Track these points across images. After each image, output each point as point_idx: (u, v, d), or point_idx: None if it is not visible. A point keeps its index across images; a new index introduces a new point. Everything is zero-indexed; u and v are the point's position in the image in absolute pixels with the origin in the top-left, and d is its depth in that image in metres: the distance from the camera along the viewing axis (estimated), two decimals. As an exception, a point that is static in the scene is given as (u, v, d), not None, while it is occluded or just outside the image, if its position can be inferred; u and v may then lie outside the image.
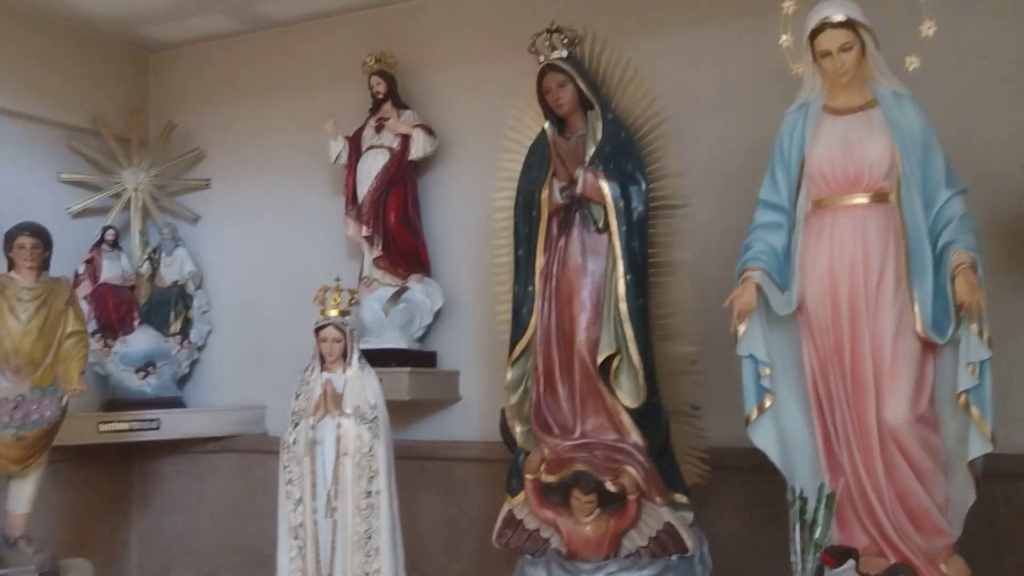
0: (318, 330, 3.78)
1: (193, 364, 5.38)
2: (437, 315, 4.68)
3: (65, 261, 4.62)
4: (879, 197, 3.00)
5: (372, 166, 4.60)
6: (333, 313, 3.79)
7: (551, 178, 3.57)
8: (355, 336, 3.84)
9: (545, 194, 3.57)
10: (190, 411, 5.13)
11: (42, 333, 3.55)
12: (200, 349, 5.39)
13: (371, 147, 4.64)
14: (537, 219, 3.59)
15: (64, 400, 3.59)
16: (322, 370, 3.81)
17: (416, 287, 4.57)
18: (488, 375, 4.64)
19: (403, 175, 4.61)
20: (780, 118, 3.25)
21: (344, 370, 3.80)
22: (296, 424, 3.75)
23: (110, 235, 5.11)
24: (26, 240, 3.64)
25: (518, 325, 3.64)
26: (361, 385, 3.78)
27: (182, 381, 5.32)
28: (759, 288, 3.11)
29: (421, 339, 4.65)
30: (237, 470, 5.22)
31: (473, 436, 4.62)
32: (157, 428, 4.91)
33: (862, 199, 3.02)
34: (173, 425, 4.98)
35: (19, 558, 3.53)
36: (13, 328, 3.50)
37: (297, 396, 3.83)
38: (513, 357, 3.64)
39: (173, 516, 5.38)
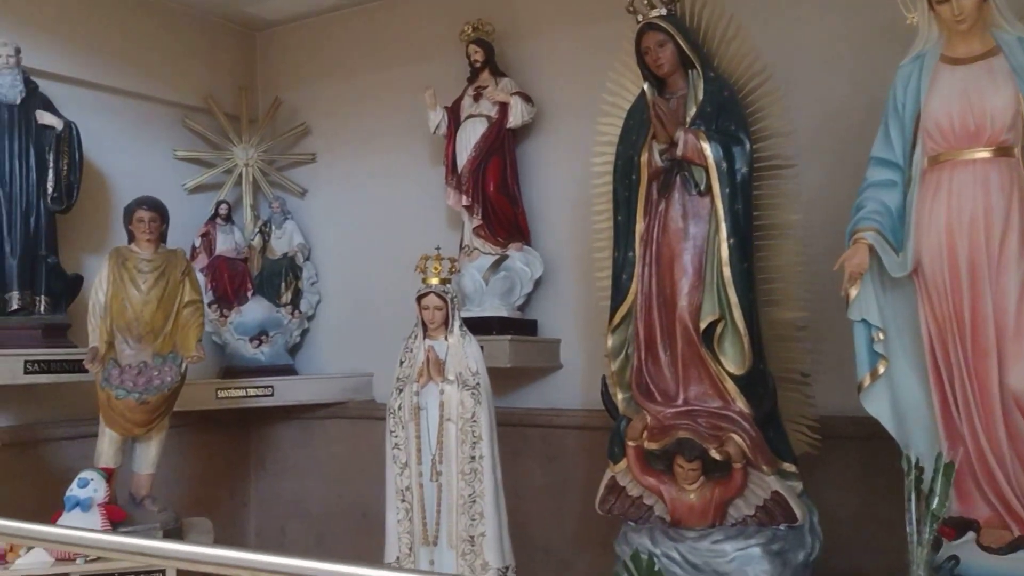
0: (420, 298, 3.83)
1: (303, 333, 5.55)
2: (537, 283, 4.68)
3: (182, 235, 4.85)
4: (1002, 151, 2.83)
5: (471, 135, 4.61)
6: (434, 281, 3.84)
7: (650, 141, 3.49)
8: (456, 304, 3.88)
9: (645, 157, 3.50)
10: (301, 378, 5.30)
11: (161, 303, 3.73)
12: (310, 319, 5.55)
13: (469, 116, 4.65)
14: (637, 183, 3.53)
15: (183, 367, 3.76)
16: (424, 337, 3.87)
17: (516, 255, 4.58)
18: (589, 343, 4.63)
19: (501, 143, 4.60)
20: (892, 72, 3.09)
21: (446, 337, 3.84)
22: (400, 390, 3.82)
23: (223, 209, 5.30)
24: (144, 214, 3.81)
25: (618, 291, 3.60)
26: (463, 352, 3.83)
27: (293, 350, 5.51)
28: (871, 249, 2.98)
29: (521, 307, 4.66)
30: (347, 436, 5.38)
31: (575, 403, 4.63)
32: (271, 395, 5.10)
33: (983, 153, 2.85)
34: (286, 392, 5.16)
35: (145, 516, 3.74)
36: (134, 298, 3.69)
37: (401, 363, 3.90)
38: (613, 324, 3.61)
39: (288, 479, 5.59)
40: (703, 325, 3.35)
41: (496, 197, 4.55)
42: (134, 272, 3.72)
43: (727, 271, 3.32)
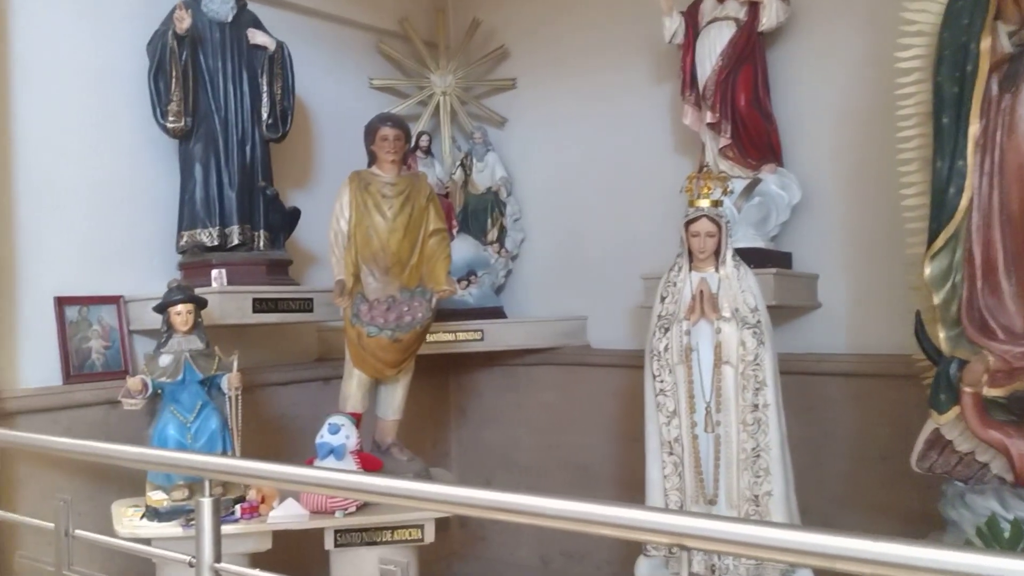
0: (688, 224, 3.34)
1: (507, 274, 5.15)
2: (792, 211, 4.11)
3: (388, 167, 4.48)
4: None
5: (715, 42, 4.03)
6: (705, 204, 3.34)
7: (992, 22, 2.87)
8: (729, 230, 3.37)
9: (986, 44, 2.88)
10: (511, 322, 4.90)
11: (407, 231, 3.32)
12: (514, 258, 5.15)
13: (713, 20, 4.07)
14: (972, 76, 2.91)
15: (433, 302, 3.37)
16: (691, 269, 3.38)
17: (770, 178, 4.01)
18: (853, 278, 4.06)
19: (752, 50, 4.01)
20: None
21: (717, 268, 3.35)
22: (666, 329, 3.35)
23: (424, 141, 4.92)
24: (389, 131, 3.40)
25: (941, 209, 3.01)
26: (738, 285, 3.33)
27: (497, 291, 5.11)
28: None
29: (774, 238, 4.10)
30: (558, 383, 4.97)
31: (837, 347, 4.06)
32: (481, 339, 4.72)
33: None
34: (496, 337, 4.77)
35: (394, 465, 3.41)
36: (380, 226, 3.30)
37: (663, 299, 3.43)
38: (935, 248, 3.02)
39: (492, 428, 5.25)
40: (1069, 246, 2.75)
41: (748, 112, 3.98)
42: (378, 197, 3.32)
43: (1102, 179, 2.69)
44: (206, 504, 2.24)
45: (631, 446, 4.51)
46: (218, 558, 2.24)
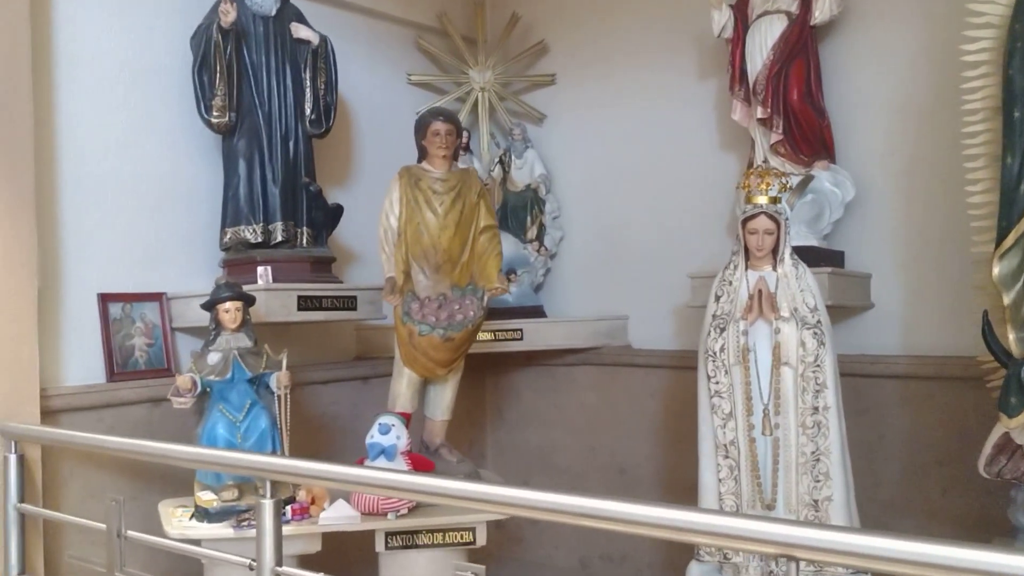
0: (746, 221, 3.26)
1: (546, 272, 5.08)
2: (846, 209, 4.01)
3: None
4: None
5: (766, 36, 3.94)
6: (763, 200, 3.26)
7: (1067, 12, 2.78)
8: (788, 227, 3.29)
9: (1061, 35, 2.79)
10: (551, 321, 4.82)
11: (459, 228, 3.25)
12: (552, 257, 5.07)
13: (764, 13, 3.98)
14: (1046, 69, 2.82)
15: (485, 300, 3.30)
16: (747, 268, 3.31)
17: (823, 175, 3.92)
18: (906, 278, 3.96)
19: (804, 44, 3.91)
20: None
21: (774, 267, 3.28)
22: (721, 329, 3.27)
23: (464, 138, 4.83)
24: (441, 126, 3.32)
25: (1012, 206, 2.92)
26: (797, 284, 3.25)
27: (536, 290, 5.04)
28: None
29: (826, 236, 4.01)
30: (599, 384, 4.90)
31: (891, 349, 3.96)
32: (520, 339, 4.65)
33: None
34: (535, 336, 4.70)
35: (444, 467, 3.34)
36: (431, 223, 3.23)
37: (717, 298, 3.36)
38: (1004, 247, 2.93)
39: (529, 430, 5.18)
40: None
41: (800, 107, 3.88)
42: (429, 193, 3.25)
43: None
44: (267, 506, 2.19)
45: (674, 449, 4.44)
46: (279, 561, 2.19)
